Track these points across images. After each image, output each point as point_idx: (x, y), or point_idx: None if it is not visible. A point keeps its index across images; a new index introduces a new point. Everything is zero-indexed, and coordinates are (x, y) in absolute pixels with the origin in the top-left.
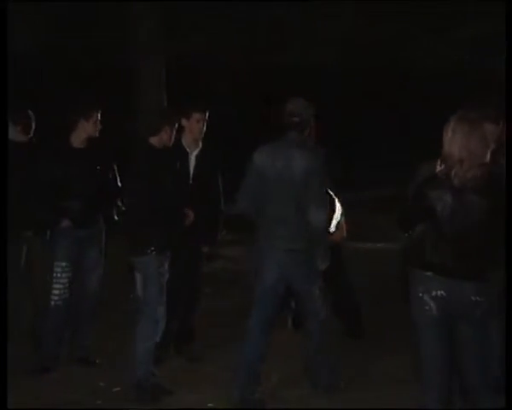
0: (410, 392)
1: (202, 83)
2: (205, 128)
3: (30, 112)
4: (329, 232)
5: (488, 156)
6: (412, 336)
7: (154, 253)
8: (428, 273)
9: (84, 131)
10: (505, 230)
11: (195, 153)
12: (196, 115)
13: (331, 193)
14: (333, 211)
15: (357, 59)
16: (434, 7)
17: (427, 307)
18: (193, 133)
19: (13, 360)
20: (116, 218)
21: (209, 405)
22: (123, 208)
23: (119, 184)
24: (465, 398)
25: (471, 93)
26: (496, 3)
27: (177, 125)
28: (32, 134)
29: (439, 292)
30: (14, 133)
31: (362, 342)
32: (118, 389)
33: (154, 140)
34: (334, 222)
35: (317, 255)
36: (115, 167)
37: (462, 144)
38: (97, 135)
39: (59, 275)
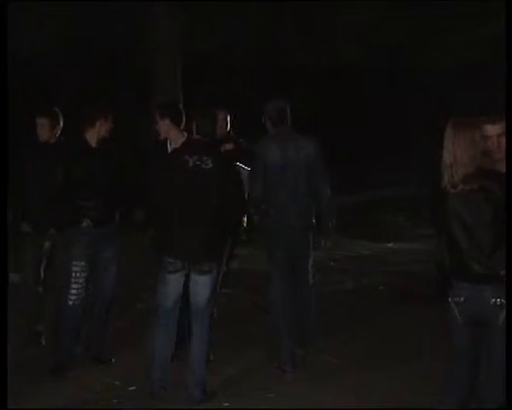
0: (415, 392)
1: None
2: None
3: (57, 110)
4: None
5: (477, 158)
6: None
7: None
8: (453, 279)
9: (101, 130)
10: (506, 229)
11: None
12: None
13: None
14: None
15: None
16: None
17: (453, 313)
18: None
19: (30, 358)
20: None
21: (225, 404)
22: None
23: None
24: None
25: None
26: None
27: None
28: (59, 133)
29: (460, 298)
30: (47, 135)
31: (376, 343)
32: (133, 387)
33: (208, 139)
34: None
35: (322, 230)
36: (129, 166)
37: (448, 150)
38: (108, 135)
39: (78, 274)
